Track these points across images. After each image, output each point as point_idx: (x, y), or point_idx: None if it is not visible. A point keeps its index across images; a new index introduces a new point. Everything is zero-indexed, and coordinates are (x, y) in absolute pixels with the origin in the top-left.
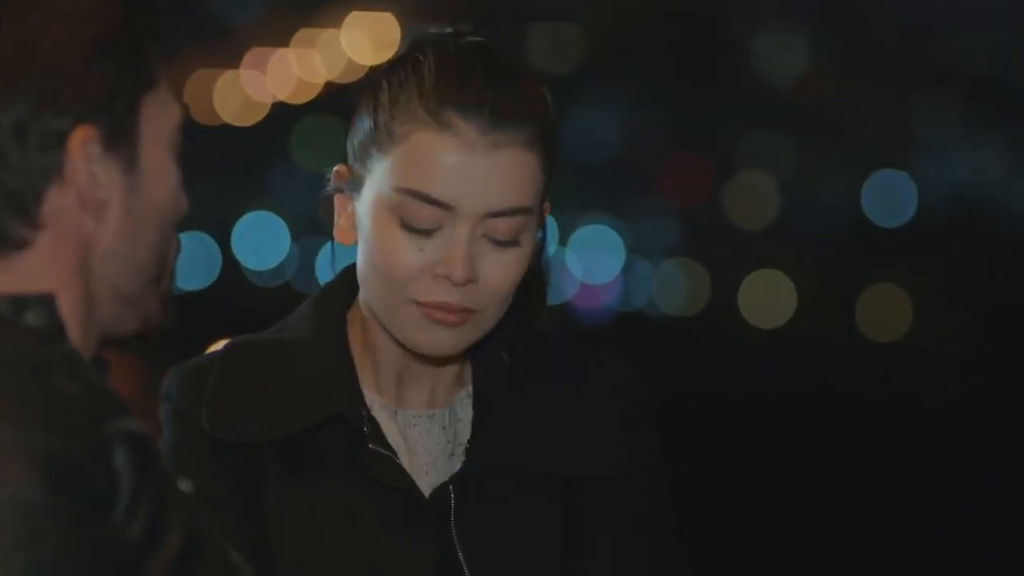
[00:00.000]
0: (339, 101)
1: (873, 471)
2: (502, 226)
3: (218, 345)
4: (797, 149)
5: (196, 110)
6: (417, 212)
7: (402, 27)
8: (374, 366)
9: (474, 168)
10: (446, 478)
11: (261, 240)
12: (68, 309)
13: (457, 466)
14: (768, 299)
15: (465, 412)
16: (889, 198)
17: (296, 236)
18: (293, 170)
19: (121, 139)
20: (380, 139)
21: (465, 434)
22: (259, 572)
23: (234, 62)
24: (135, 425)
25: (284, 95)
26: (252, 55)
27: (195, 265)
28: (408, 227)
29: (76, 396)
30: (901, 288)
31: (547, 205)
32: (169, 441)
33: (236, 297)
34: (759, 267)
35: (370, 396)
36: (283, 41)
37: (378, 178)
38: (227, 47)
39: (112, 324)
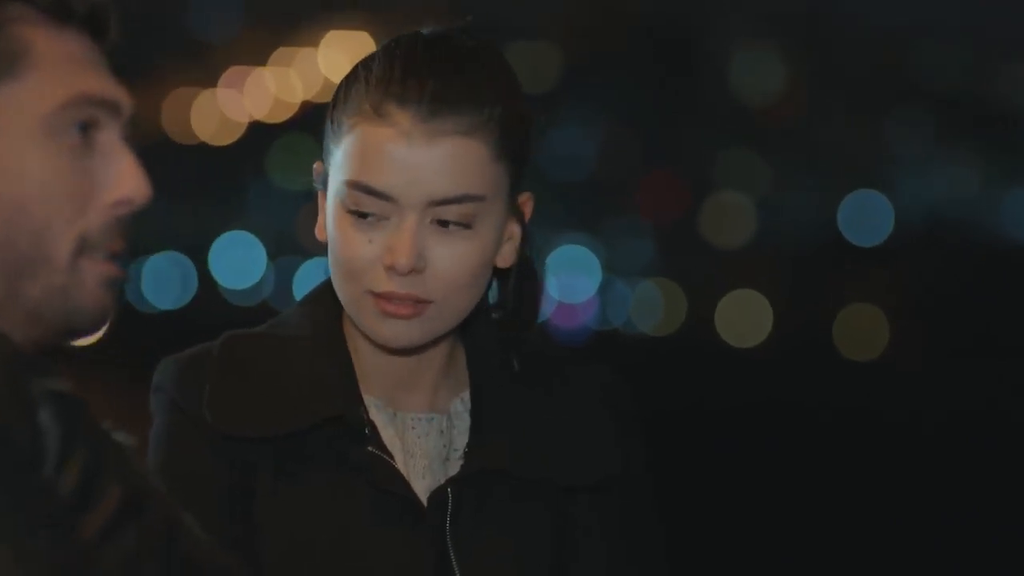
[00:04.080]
0: (316, 120)
1: (850, 487)
2: (450, 212)
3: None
4: (773, 168)
5: (173, 129)
6: (362, 203)
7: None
8: (368, 366)
9: (412, 158)
10: (442, 482)
11: (238, 259)
12: None
13: (452, 470)
14: (745, 318)
15: (460, 418)
16: (865, 217)
17: (273, 255)
18: (270, 189)
19: None
20: (335, 134)
21: (461, 439)
22: (247, 571)
23: (211, 81)
24: (60, 385)
25: (261, 115)
26: (229, 74)
27: (171, 284)
28: (356, 219)
29: None
30: (877, 306)
31: (524, 198)
32: (162, 431)
33: (213, 316)
34: (736, 286)
35: (367, 397)
36: (260, 60)
37: (333, 172)
38: (204, 66)
39: (10, 328)
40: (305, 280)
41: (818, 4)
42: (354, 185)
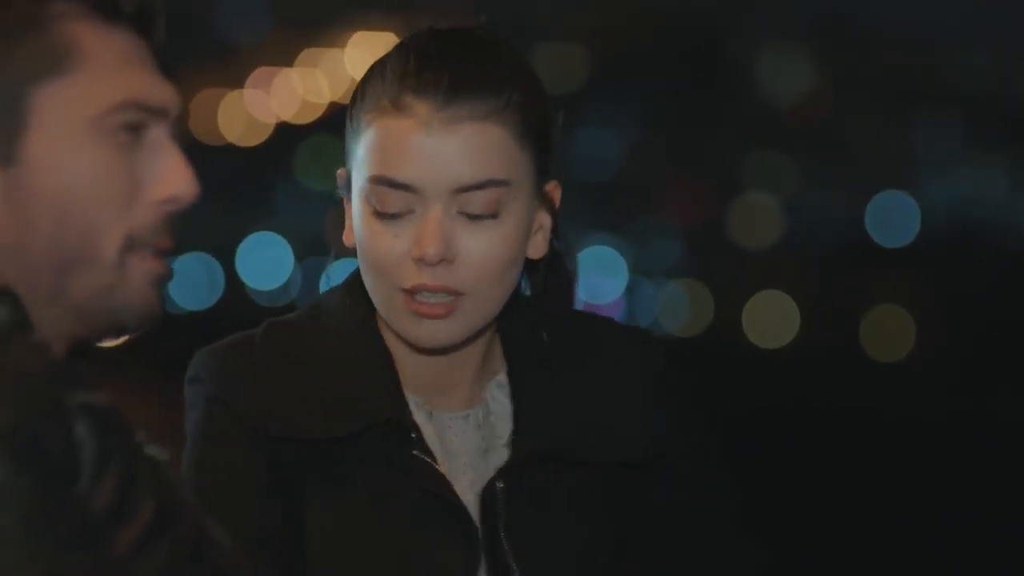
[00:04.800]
0: (343, 121)
1: (878, 488)
2: (476, 200)
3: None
4: (800, 169)
5: (201, 130)
6: (386, 198)
7: None
8: (404, 365)
9: (431, 147)
10: (486, 475)
11: (265, 260)
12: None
13: (496, 460)
14: (772, 319)
15: (498, 404)
16: (892, 218)
17: (300, 256)
18: (297, 190)
19: None
20: (355, 132)
21: (501, 427)
22: (285, 571)
23: (238, 82)
24: (97, 398)
25: (288, 115)
26: (256, 75)
27: (198, 285)
28: (381, 215)
29: (35, 373)
30: (904, 308)
31: (552, 186)
32: (201, 425)
33: (240, 317)
34: (763, 287)
35: (407, 397)
36: (287, 61)
37: (356, 172)
38: (232, 67)
39: (56, 327)
40: (331, 281)
41: (845, 5)
42: (376, 180)
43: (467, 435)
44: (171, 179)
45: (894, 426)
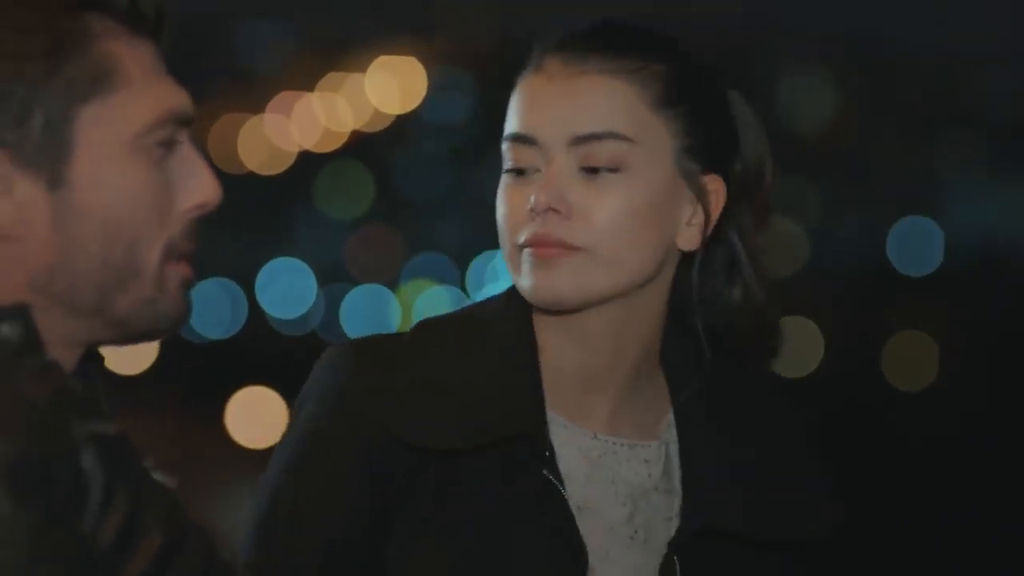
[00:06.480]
0: (364, 149)
1: (900, 514)
2: (597, 152)
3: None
4: (823, 195)
5: (221, 158)
6: (516, 154)
7: (427, 72)
8: (555, 367)
9: (552, 96)
10: (648, 513)
11: (287, 289)
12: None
13: (661, 505)
14: (795, 346)
15: (674, 446)
16: (916, 244)
17: (322, 283)
18: (318, 218)
19: (42, 155)
20: (510, 104)
21: (675, 475)
22: None
23: (259, 107)
24: (106, 428)
25: (310, 144)
26: (277, 100)
27: (221, 314)
28: (512, 172)
29: (41, 403)
30: (928, 335)
31: (710, 179)
32: (311, 426)
33: (261, 346)
34: (785, 314)
35: (552, 414)
36: (308, 86)
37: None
38: (252, 92)
39: (84, 336)
40: (352, 309)
41: (868, 30)
42: (507, 137)
43: (631, 465)
44: (199, 187)
45: (918, 453)
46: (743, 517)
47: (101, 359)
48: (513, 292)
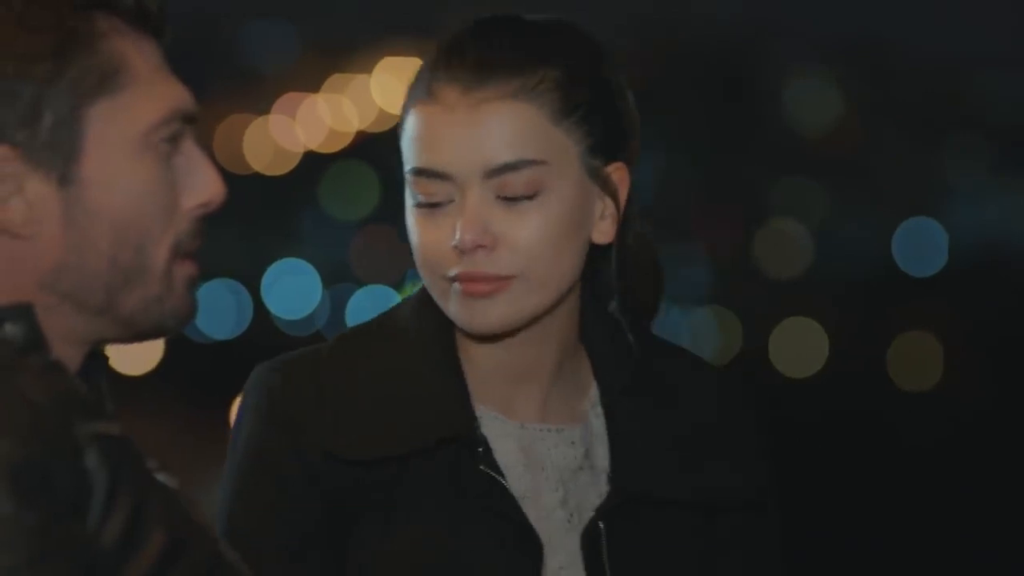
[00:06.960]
0: (369, 149)
1: (905, 517)
2: (512, 182)
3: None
4: (828, 197)
5: (227, 158)
6: (425, 188)
7: None
8: (481, 370)
9: (458, 131)
10: (580, 497)
11: (292, 289)
12: (41, 321)
13: (594, 485)
14: (800, 347)
15: (599, 426)
16: (920, 245)
17: (327, 284)
18: (323, 218)
19: (52, 154)
20: (401, 128)
21: (601, 452)
22: None
23: (265, 108)
24: (109, 428)
25: (315, 144)
26: (283, 101)
27: (226, 314)
28: (423, 206)
29: (44, 403)
30: (932, 336)
31: (614, 168)
32: (250, 448)
33: (267, 346)
34: (791, 315)
35: (481, 407)
36: (314, 87)
37: (404, 168)
38: (258, 92)
39: (91, 334)
40: (357, 309)
41: (873, 32)
42: (412, 172)
43: (559, 450)
44: (205, 185)
45: (923, 453)
46: (669, 483)
47: (105, 359)
48: (426, 294)
